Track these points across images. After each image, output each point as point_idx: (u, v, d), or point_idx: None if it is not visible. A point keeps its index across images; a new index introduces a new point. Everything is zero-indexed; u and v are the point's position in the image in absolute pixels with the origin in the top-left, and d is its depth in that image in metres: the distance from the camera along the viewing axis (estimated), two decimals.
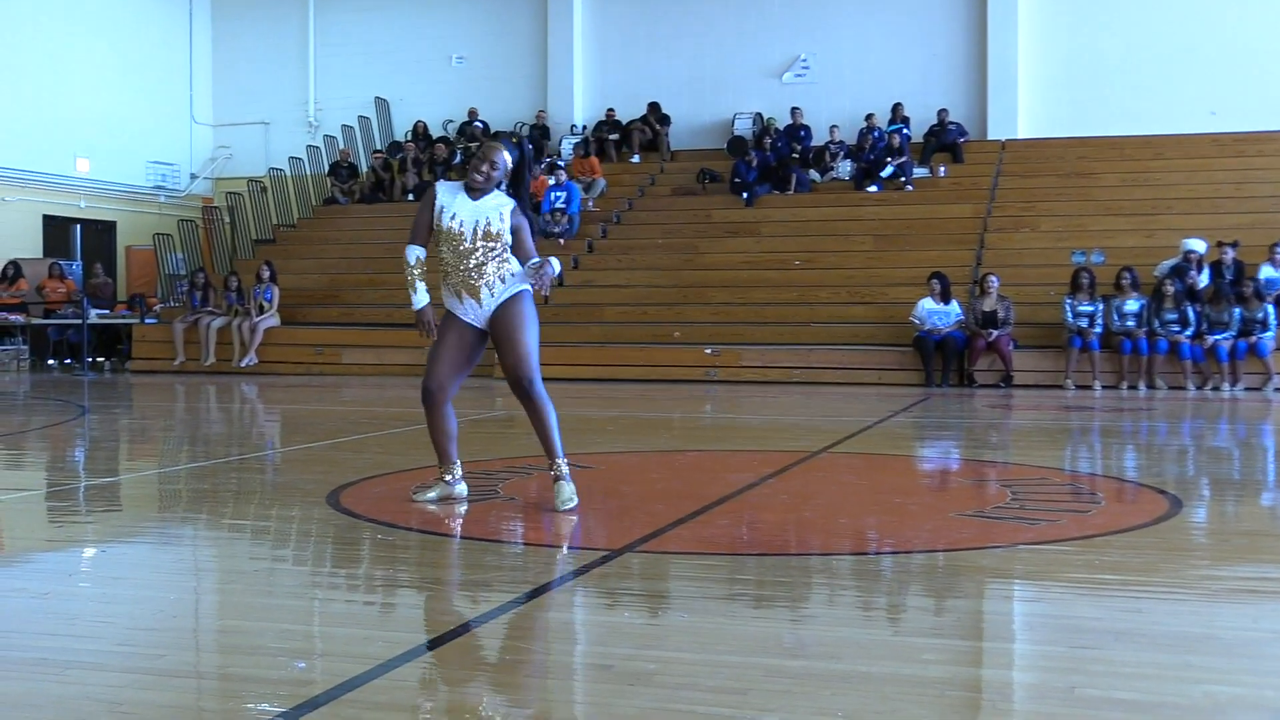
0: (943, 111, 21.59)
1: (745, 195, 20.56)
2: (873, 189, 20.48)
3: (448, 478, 6.01)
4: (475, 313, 5.80)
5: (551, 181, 20.52)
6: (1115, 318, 15.38)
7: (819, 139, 21.97)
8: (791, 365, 16.00)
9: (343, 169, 23.69)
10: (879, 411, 11.96)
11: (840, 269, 18.20)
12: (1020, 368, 15.51)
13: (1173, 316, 15.20)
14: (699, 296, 17.83)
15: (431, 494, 6.01)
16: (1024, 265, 17.67)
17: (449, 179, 21.04)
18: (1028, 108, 22.00)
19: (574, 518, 5.60)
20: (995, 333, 15.36)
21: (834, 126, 21.63)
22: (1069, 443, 9.65)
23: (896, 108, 21.83)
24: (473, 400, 13.83)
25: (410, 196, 22.70)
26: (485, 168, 5.73)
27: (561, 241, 19.80)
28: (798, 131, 21.99)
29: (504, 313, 5.74)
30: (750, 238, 19.33)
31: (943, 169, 20.91)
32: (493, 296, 5.75)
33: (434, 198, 5.82)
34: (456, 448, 6.04)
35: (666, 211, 20.90)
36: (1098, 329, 15.31)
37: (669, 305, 17.67)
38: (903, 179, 20.42)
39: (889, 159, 20.56)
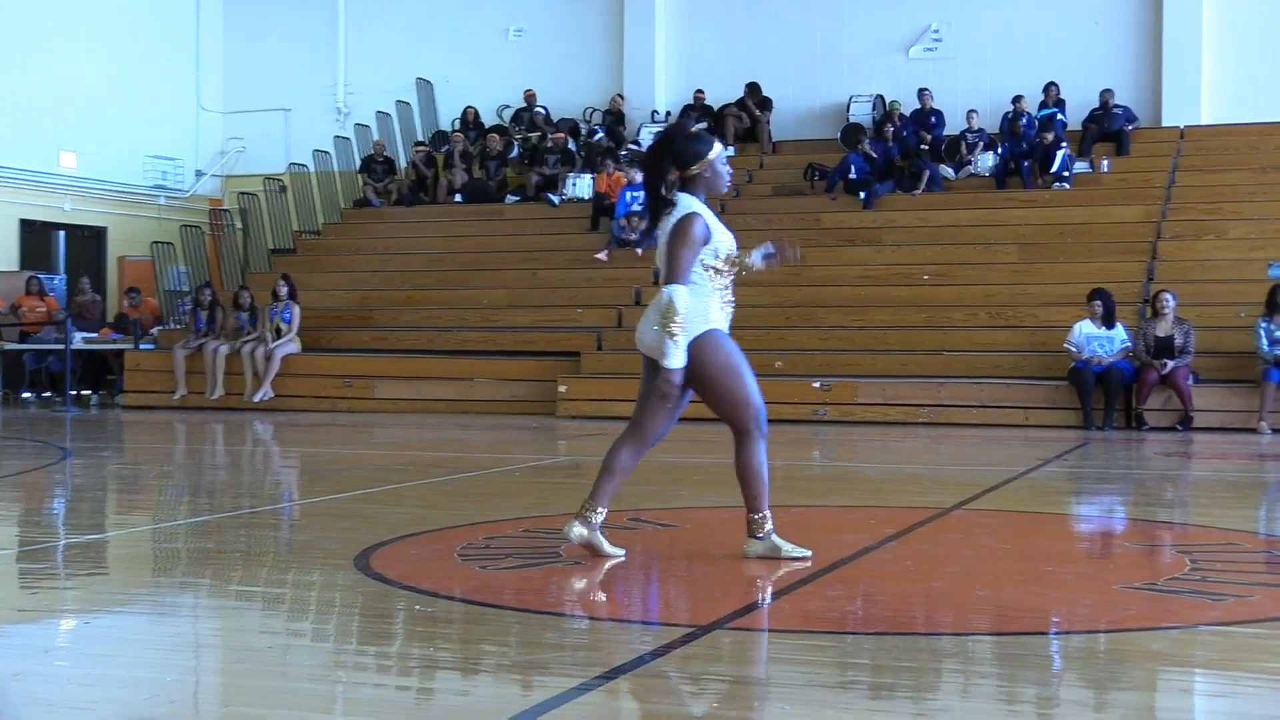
0: (1106, 93, 21.43)
1: (863, 195, 20.53)
2: (1027, 188, 20.33)
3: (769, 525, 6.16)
4: None
5: (627, 179, 20.61)
6: None
7: (953, 127, 21.89)
8: (919, 403, 15.91)
9: (377, 164, 24.01)
10: (1026, 459, 11.83)
11: (980, 285, 18.09)
12: (1202, 406, 15.32)
13: None
14: (806, 318, 17.80)
15: (792, 547, 6.12)
16: (1207, 281, 17.47)
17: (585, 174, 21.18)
18: (1213, 87, 21.76)
19: (653, 593, 5.59)
20: (1171, 363, 15.19)
21: (972, 112, 21.54)
22: (1264, 499, 9.48)
23: (1050, 89, 21.71)
24: (532, 444, 13.89)
25: (458, 198, 22.95)
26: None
27: (639, 252, 19.89)
28: (927, 118, 21.92)
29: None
30: (869, 247, 19.29)
31: (1106, 163, 20.74)
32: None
33: (706, 227, 5.95)
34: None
35: (767, 215, 20.89)
36: None
37: (770, 329, 17.65)
38: (1059, 175, 20.25)
39: (1044, 149, 20.40)
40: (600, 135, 23.27)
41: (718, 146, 6.16)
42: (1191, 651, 4.61)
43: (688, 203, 5.99)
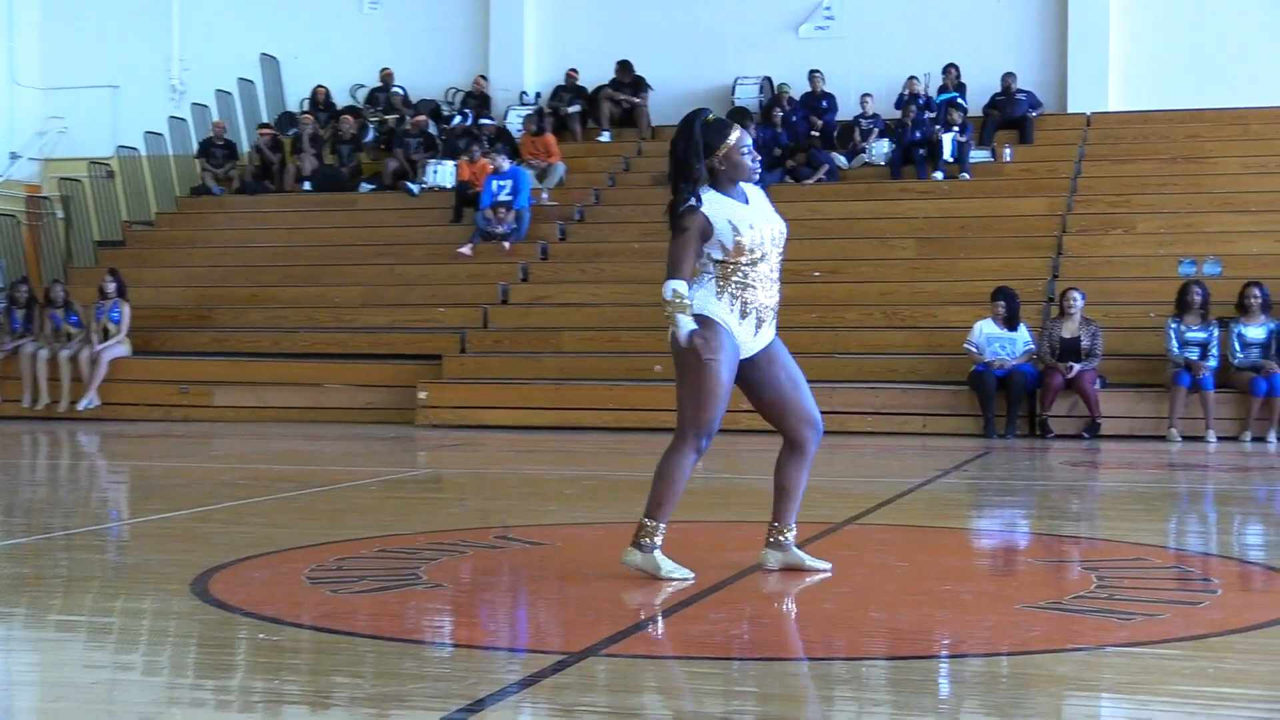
0: (1009, 77, 21.75)
1: None
2: (936, 175, 20.59)
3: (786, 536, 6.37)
4: (748, 339, 6.29)
5: (493, 167, 20.56)
6: (1236, 348, 15.47)
7: (846, 112, 22.10)
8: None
9: (217, 148, 23.72)
10: (923, 470, 11.98)
11: (874, 283, 18.28)
12: (1110, 413, 15.60)
13: None
14: None
15: (673, 566, 6.15)
16: (1115, 278, 17.80)
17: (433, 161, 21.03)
18: (1122, 71, 22.20)
19: (521, 617, 5.57)
20: (1077, 367, 15.44)
21: (866, 95, 21.77)
22: (1174, 512, 9.68)
23: (949, 71, 21.98)
24: (389, 456, 13.80)
25: (307, 185, 22.75)
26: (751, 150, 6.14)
27: (506, 245, 19.86)
28: (818, 102, 22.12)
29: (777, 350, 6.41)
30: None
31: (1008, 151, 21.07)
32: (769, 331, 6.38)
33: (703, 219, 6.01)
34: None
35: (645, 206, 20.91)
36: (1212, 362, 15.39)
37: (647, 330, 17.67)
38: (957, 164, 20.53)
39: (941, 136, 20.68)
40: (464, 118, 23.17)
41: (735, 134, 6.16)
42: (1098, 674, 4.69)
43: (704, 196, 6.07)
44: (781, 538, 6.36)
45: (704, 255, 6.08)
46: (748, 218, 6.10)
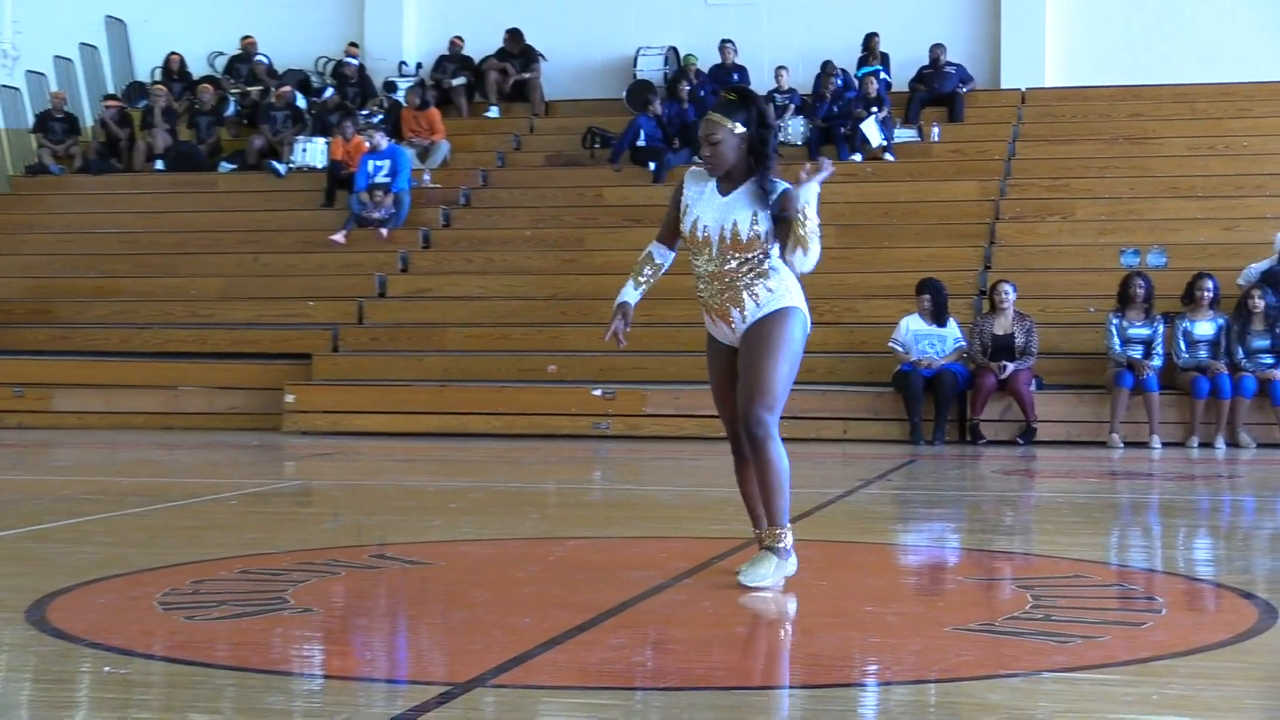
0: (937, 48, 21.93)
1: (653, 166, 20.69)
2: (855, 157, 20.70)
3: (783, 544, 6.52)
4: (726, 335, 6.60)
5: (369, 145, 20.45)
6: (1183, 345, 15.65)
7: (759, 85, 22.15)
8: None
9: (56, 122, 23.43)
10: (843, 480, 12.03)
11: None
12: (1046, 416, 15.75)
13: (1263, 343, 15.54)
14: (585, 313, 17.84)
15: (770, 570, 6.43)
16: (1052, 270, 17.98)
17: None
18: (1059, 44, 22.45)
19: (400, 644, 5.54)
20: (1011, 366, 15.57)
21: (781, 68, 21.86)
22: (1115, 525, 9.79)
23: (871, 42, 22.11)
24: (252, 466, 13.69)
25: (160, 164, 22.51)
26: (706, 151, 6.42)
27: (383, 232, 19.76)
28: (729, 75, 22.17)
29: (756, 329, 6.49)
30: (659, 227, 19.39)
31: (936, 130, 21.23)
32: (744, 321, 6.51)
33: (681, 189, 6.59)
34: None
35: (538, 189, 20.94)
36: (1157, 361, 15.56)
37: (541, 327, 17.68)
38: (880, 145, 20.66)
39: (864, 113, 20.80)
40: (335, 91, 23.02)
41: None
42: (1034, 702, 4.72)
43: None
44: (766, 539, 6.60)
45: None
46: (699, 208, 6.53)
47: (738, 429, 6.58)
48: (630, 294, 6.84)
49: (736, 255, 6.46)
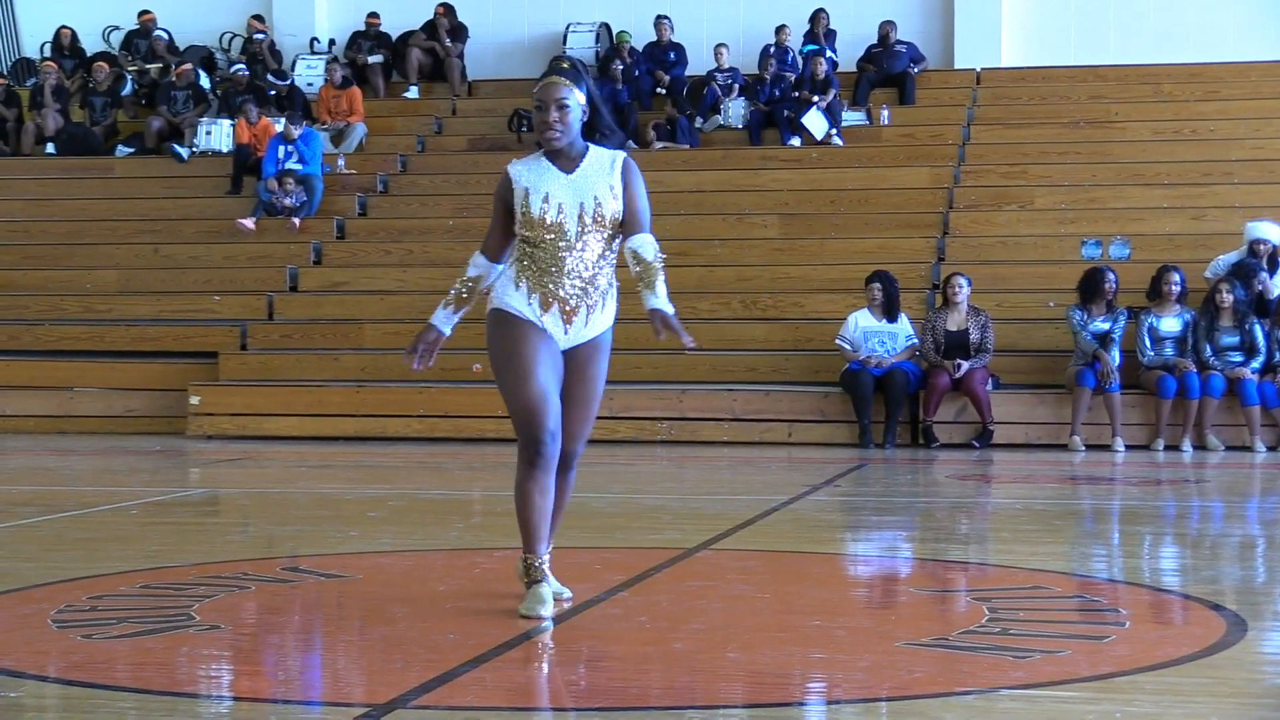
0: (887, 25, 21.99)
1: None
2: (794, 141, 20.76)
3: (545, 570, 6.30)
4: (557, 331, 6.31)
5: (278, 128, 20.35)
6: (1148, 342, 15.73)
7: (697, 66, 22.19)
8: (655, 415, 16.08)
9: None
10: (788, 486, 12.06)
11: (730, 266, 18.39)
12: (1003, 418, 15.81)
13: (1232, 340, 15.62)
14: None
15: (547, 600, 6.19)
16: (1009, 262, 18.06)
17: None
18: (1016, 21, 22.55)
19: (315, 663, 5.52)
20: (965, 365, 15.62)
21: (721, 46, 21.87)
22: (1076, 533, 9.84)
23: (817, 19, 22.16)
24: (154, 473, 13.61)
25: (51, 148, 22.33)
26: (556, 115, 6.21)
27: (295, 222, 19.66)
28: (665, 54, 22.19)
29: (590, 355, 6.36)
30: None
31: (886, 113, 21.29)
32: (587, 324, 6.35)
33: (509, 182, 6.31)
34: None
35: (461, 175, 20.88)
36: (1116, 359, 15.60)
37: (465, 323, 17.60)
38: (828, 129, 20.70)
39: (809, 97, 20.86)
40: (242, 68, 22.90)
41: (538, 85, 6.43)
42: None
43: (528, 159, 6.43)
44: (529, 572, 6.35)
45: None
46: (546, 186, 6.26)
47: (545, 437, 6.16)
48: (442, 319, 6.61)
49: (599, 236, 6.27)
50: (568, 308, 6.27)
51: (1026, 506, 11.19)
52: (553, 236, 6.22)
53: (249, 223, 19.69)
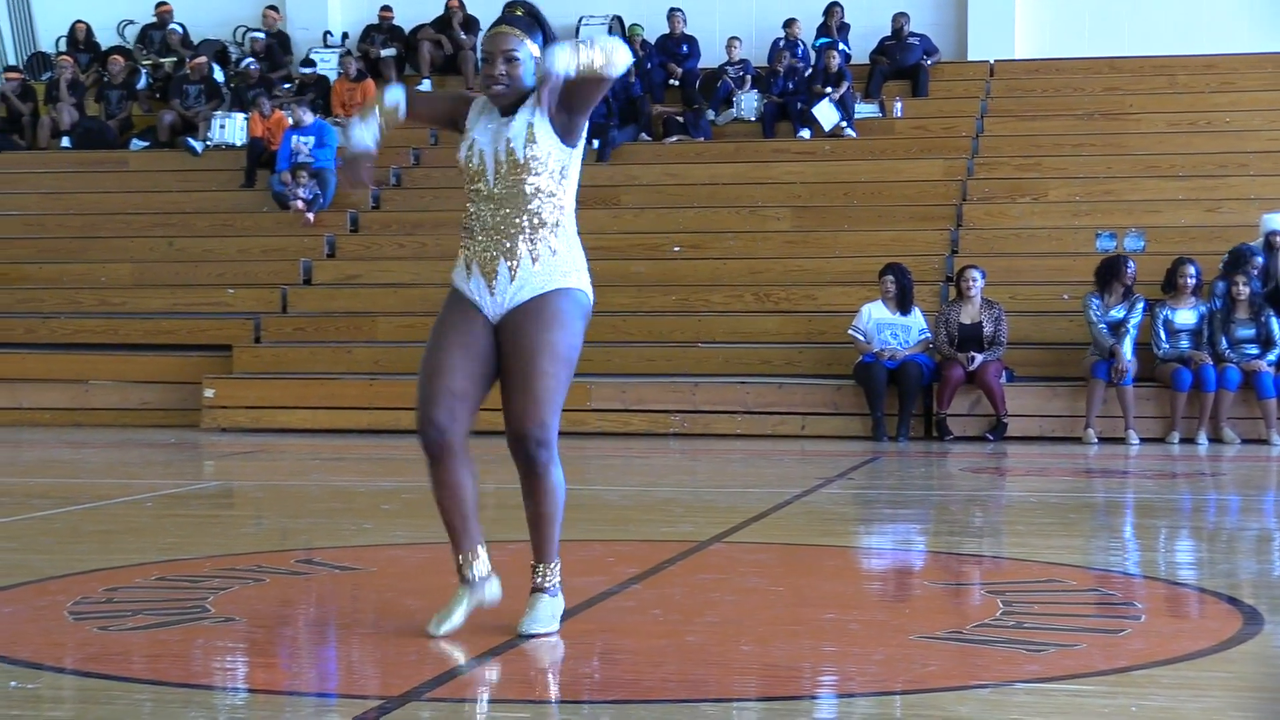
0: (900, 18, 21.99)
1: (596, 143, 20.66)
2: (804, 134, 20.74)
3: (470, 573, 5.79)
4: (484, 298, 5.70)
5: (292, 121, 20.36)
6: (1163, 335, 15.70)
7: (710, 58, 22.19)
8: (668, 408, 16.08)
9: None
10: (801, 479, 12.06)
11: (744, 259, 18.38)
12: (1017, 411, 15.80)
13: (1248, 332, 15.60)
14: None
15: (458, 615, 5.72)
16: (1023, 255, 18.04)
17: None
18: (1030, 12, 22.52)
19: (330, 655, 5.53)
20: (979, 358, 15.61)
21: (734, 39, 21.88)
22: (1090, 526, 9.84)
23: (831, 12, 22.15)
24: (169, 466, 13.63)
25: (66, 142, 22.36)
26: (503, 68, 5.67)
27: (310, 216, 19.66)
28: (678, 46, 22.20)
29: (521, 322, 5.63)
30: (604, 210, 19.43)
31: (899, 105, 21.29)
32: (512, 280, 5.66)
33: (466, 103, 5.87)
34: (477, 523, 5.83)
35: None
36: (1129, 341, 15.55)
37: None
38: (839, 121, 20.70)
39: (821, 90, 20.85)
40: (254, 63, 22.92)
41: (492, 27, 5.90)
42: (1005, 715, 4.75)
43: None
44: (538, 578, 5.78)
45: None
46: (475, 131, 5.80)
47: (434, 419, 5.67)
48: (361, 135, 5.75)
49: (517, 183, 5.66)
50: (486, 268, 5.67)
51: (1041, 499, 11.19)
52: (476, 186, 5.75)
53: (310, 216, 19.67)
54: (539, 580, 5.71)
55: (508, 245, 5.67)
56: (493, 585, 5.82)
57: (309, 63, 23.00)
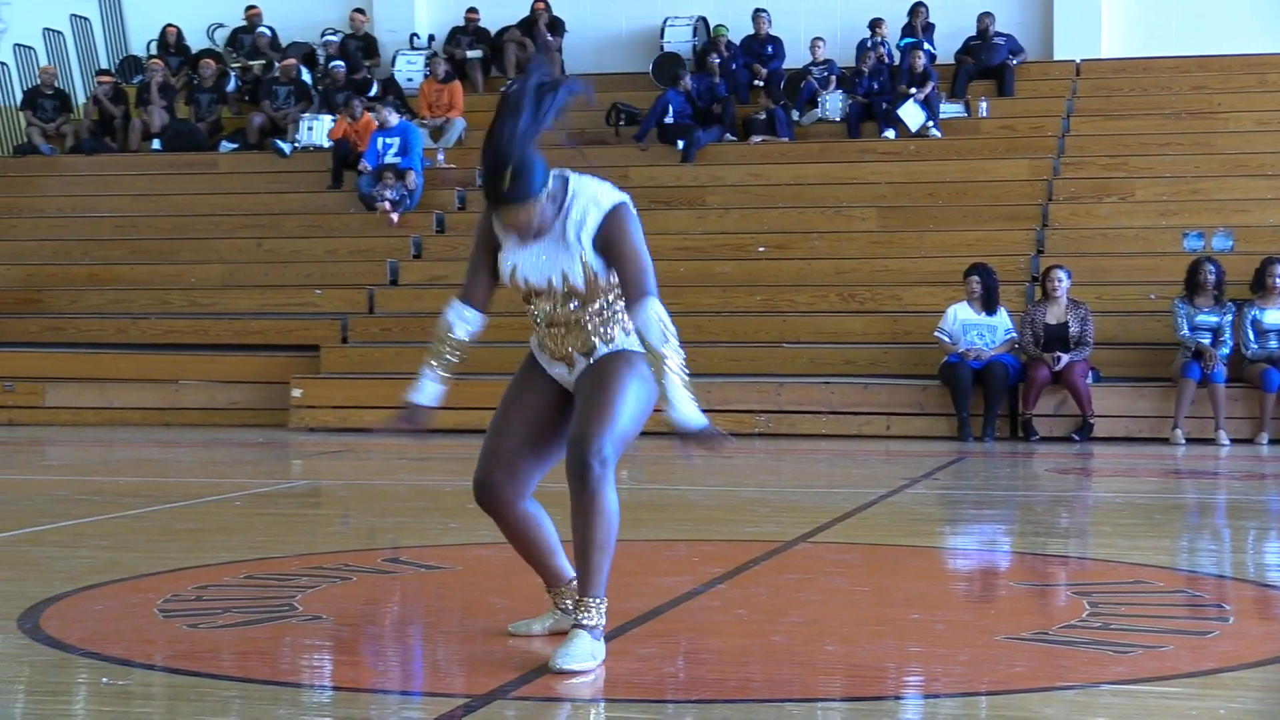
0: (985, 18, 21.88)
1: (681, 144, 20.68)
2: (889, 134, 20.68)
3: (565, 604, 5.72)
4: (562, 373, 5.67)
5: (378, 122, 20.45)
6: (1252, 335, 15.57)
7: (795, 59, 22.15)
8: (753, 408, 16.06)
9: (46, 99, 23.47)
10: (887, 479, 12.02)
11: (829, 259, 18.35)
12: (1104, 411, 15.71)
13: None
14: None
15: (537, 625, 5.81)
16: (1109, 255, 17.93)
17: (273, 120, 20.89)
18: (1116, 11, 22.36)
19: (416, 654, 5.55)
20: (1065, 358, 15.53)
21: (818, 40, 21.83)
22: (1179, 527, 9.77)
23: (916, 12, 22.08)
24: (257, 465, 13.72)
25: (156, 144, 22.55)
26: (528, 226, 5.61)
27: (394, 217, 19.75)
28: (763, 47, 22.17)
29: (603, 362, 5.54)
30: (689, 210, 19.43)
31: (985, 105, 21.18)
32: (588, 360, 5.58)
33: (490, 220, 5.80)
34: (564, 560, 5.77)
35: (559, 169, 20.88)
36: (1225, 349, 15.47)
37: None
38: (924, 121, 20.63)
39: (906, 90, 20.79)
40: (342, 65, 23.04)
41: None
42: (1092, 716, 4.73)
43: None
44: (580, 614, 5.39)
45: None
46: (514, 255, 5.79)
47: (486, 477, 5.75)
48: (423, 392, 5.86)
49: (579, 297, 5.57)
50: (559, 354, 5.65)
51: (1127, 500, 11.11)
52: (537, 297, 5.67)
53: (395, 216, 19.77)
54: (581, 618, 5.32)
55: (582, 340, 5.60)
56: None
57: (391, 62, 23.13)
